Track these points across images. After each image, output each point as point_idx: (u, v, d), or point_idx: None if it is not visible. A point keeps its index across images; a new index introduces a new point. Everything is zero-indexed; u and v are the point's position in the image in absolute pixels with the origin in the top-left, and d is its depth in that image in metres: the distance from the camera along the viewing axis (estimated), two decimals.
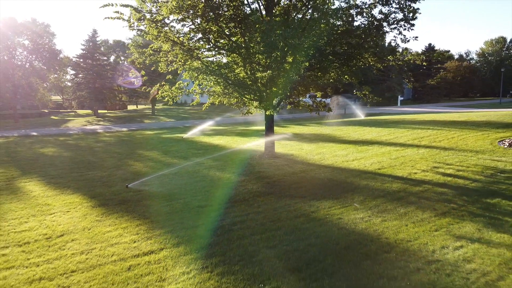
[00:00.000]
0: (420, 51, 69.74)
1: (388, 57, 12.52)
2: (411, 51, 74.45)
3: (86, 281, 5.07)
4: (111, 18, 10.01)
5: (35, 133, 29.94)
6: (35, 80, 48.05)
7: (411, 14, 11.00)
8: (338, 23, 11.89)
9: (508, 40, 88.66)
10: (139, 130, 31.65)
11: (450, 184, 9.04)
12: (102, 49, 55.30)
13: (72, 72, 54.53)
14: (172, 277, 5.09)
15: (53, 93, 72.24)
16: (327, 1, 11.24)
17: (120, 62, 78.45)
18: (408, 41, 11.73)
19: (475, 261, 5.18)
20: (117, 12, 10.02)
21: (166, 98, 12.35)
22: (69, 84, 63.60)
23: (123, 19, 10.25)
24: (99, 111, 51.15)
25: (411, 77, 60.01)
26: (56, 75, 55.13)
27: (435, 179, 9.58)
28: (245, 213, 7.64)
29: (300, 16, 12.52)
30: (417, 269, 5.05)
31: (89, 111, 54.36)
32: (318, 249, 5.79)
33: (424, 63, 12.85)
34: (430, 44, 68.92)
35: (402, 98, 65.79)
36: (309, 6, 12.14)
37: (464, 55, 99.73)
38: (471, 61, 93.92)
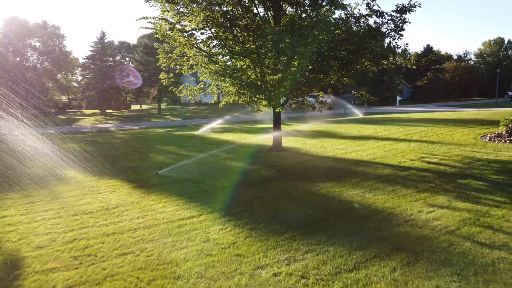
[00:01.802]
0: (419, 52, 71.51)
1: (383, 61, 14.18)
2: (410, 52, 76.30)
3: (150, 234, 6.76)
4: (145, 28, 11.79)
5: (51, 131, 31.65)
6: (46, 81, 49.86)
7: (401, 25, 12.66)
8: (338, 31, 13.54)
9: (506, 41, 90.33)
10: (149, 128, 33.37)
11: (432, 170, 10.72)
12: (108, 50, 56.88)
13: (81, 73, 56.24)
14: (213, 231, 6.77)
15: (59, 93, 73.97)
16: (328, 13, 12.93)
17: (125, 62, 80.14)
18: (400, 47, 13.48)
19: (441, 219, 6.86)
20: (150, 22, 11.81)
21: (189, 97, 14.09)
22: (76, 84, 65.39)
23: (155, 29, 11.98)
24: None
25: (402, 79, 61.87)
26: (65, 76, 56.94)
27: (420, 166, 11.26)
28: (262, 192, 9.32)
29: (305, 25, 14.17)
30: (397, 224, 6.74)
31: (95, 111, 56.01)
32: (323, 213, 7.48)
33: (414, 67, 14.56)
34: (428, 45, 70.73)
35: (401, 98, 67.49)
36: (313, 16, 13.81)
37: (463, 56, 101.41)
38: (469, 62, 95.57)
